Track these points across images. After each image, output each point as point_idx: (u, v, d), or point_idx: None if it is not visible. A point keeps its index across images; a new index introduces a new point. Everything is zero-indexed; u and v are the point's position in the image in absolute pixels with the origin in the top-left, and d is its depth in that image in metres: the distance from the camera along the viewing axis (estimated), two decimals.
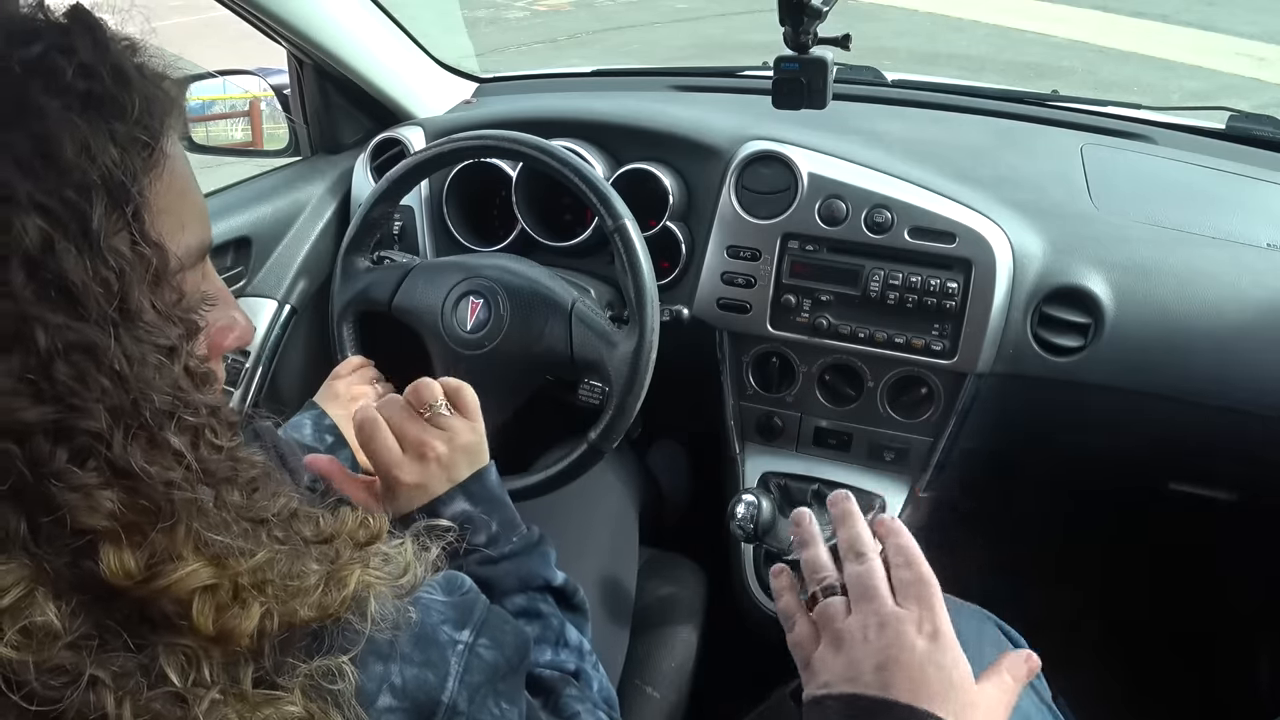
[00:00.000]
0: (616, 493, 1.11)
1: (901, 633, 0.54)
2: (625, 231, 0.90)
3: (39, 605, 0.36)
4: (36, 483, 0.36)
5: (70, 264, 0.36)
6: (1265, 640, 1.32)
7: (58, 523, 0.36)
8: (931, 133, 1.19)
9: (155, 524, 0.38)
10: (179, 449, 0.39)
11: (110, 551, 0.37)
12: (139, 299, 0.39)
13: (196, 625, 0.38)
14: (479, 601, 0.54)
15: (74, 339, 0.36)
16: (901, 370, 1.06)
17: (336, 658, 0.42)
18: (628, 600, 1.01)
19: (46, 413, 0.36)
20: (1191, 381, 0.97)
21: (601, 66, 1.56)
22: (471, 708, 0.49)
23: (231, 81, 1.33)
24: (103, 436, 0.37)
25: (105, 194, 0.37)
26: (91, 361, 0.37)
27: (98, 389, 0.37)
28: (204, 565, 0.39)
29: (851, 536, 0.60)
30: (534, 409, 1.02)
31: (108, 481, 0.37)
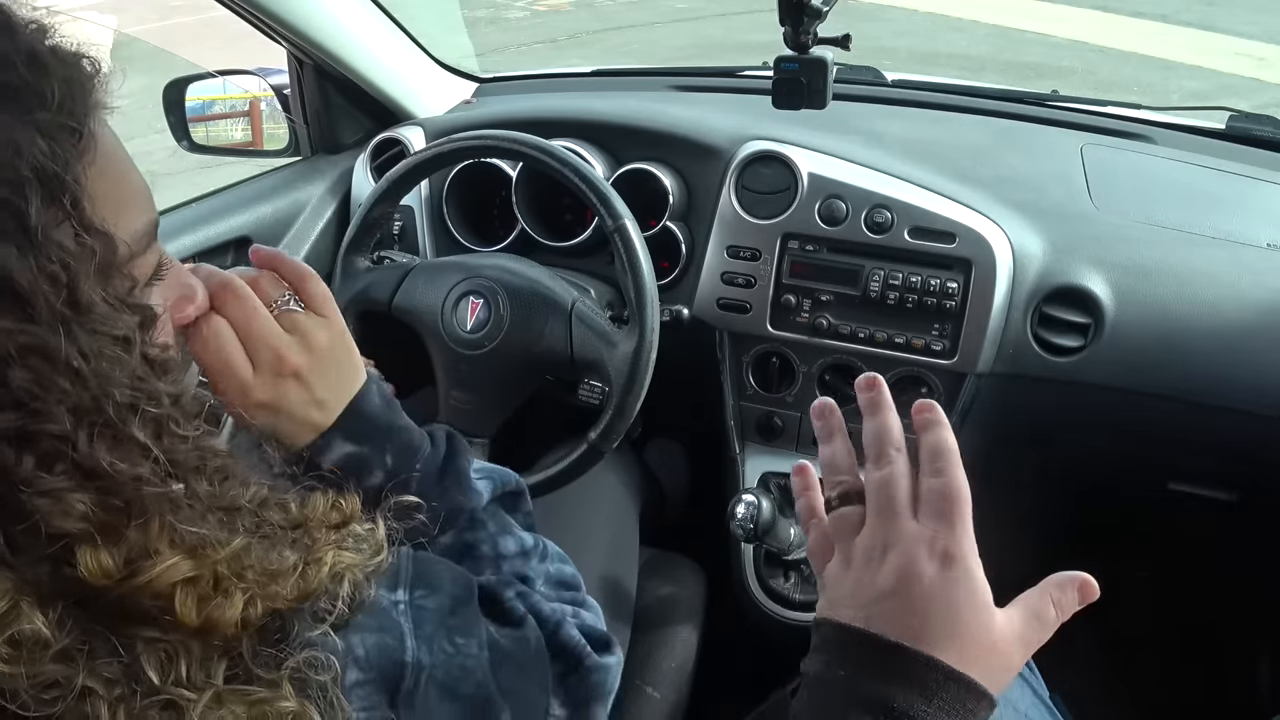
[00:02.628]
0: (617, 492, 1.11)
1: (912, 558, 0.47)
2: (625, 231, 0.90)
3: (25, 615, 0.35)
4: (5, 491, 0.35)
5: (13, 265, 0.35)
6: (1265, 640, 1.33)
7: (32, 530, 0.36)
8: (931, 133, 1.19)
9: (129, 521, 0.37)
10: (145, 443, 0.38)
11: (87, 553, 0.36)
12: (89, 292, 0.37)
13: (181, 618, 0.38)
14: (399, 555, 0.51)
15: (27, 342, 0.35)
16: (901, 370, 1.06)
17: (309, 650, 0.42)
18: (629, 600, 1.01)
19: (8, 420, 0.35)
20: (1191, 381, 0.97)
21: (601, 66, 1.56)
22: (434, 659, 0.48)
23: (231, 81, 1.33)
24: (67, 438, 0.36)
25: (39, 187, 0.36)
26: (47, 363, 0.35)
27: (57, 390, 0.36)
28: (183, 558, 0.38)
29: (876, 431, 0.51)
30: (534, 409, 1.03)
31: (77, 484, 0.36)
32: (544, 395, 1.06)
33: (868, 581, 0.48)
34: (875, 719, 0.45)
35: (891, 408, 0.52)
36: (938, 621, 0.46)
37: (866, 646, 0.47)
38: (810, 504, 0.56)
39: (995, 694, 0.47)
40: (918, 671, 0.45)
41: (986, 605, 0.47)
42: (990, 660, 0.47)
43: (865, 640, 0.47)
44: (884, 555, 0.48)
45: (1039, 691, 0.76)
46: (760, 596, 1.10)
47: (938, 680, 0.45)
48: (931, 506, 0.48)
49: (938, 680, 0.45)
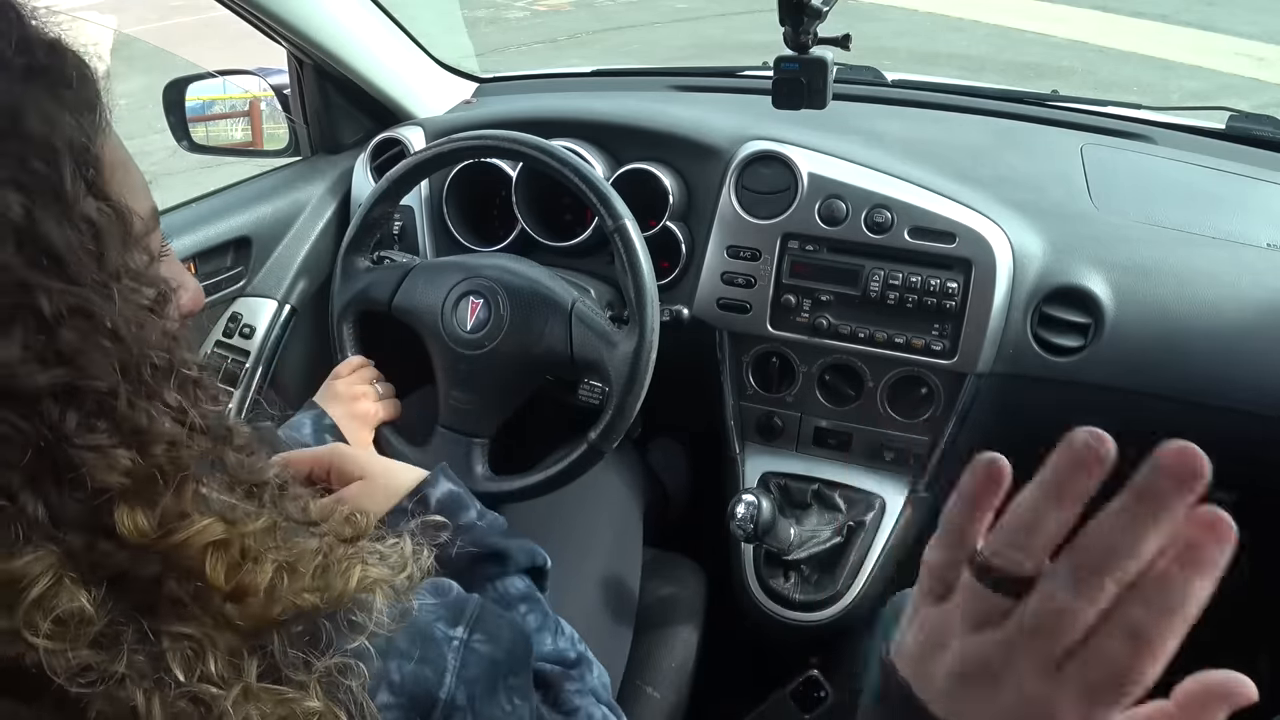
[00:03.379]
0: (620, 493, 1.11)
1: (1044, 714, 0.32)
2: (625, 231, 0.90)
3: (68, 591, 0.36)
4: (52, 447, 0.36)
5: (53, 231, 0.37)
6: (1265, 640, 1.32)
7: (74, 486, 0.37)
8: (931, 133, 1.19)
9: (163, 484, 0.39)
10: (179, 405, 0.40)
11: (125, 512, 0.37)
12: (117, 260, 0.39)
13: (211, 581, 0.39)
14: (470, 599, 0.54)
15: (73, 303, 0.37)
16: (901, 370, 1.06)
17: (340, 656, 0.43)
18: (631, 600, 1.01)
19: (56, 375, 0.36)
20: (1191, 381, 0.97)
21: (601, 66, 1.56)
22: (475, 704, 0.49)
23: (231, 81, 1.33)
24: (110, 396, 0.38)
25: (70, 160, 0.38)
26: (90, 323, 0.37)
27: (101, 349, 0.37)
28: (214, 520, 0.40)
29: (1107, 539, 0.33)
30: (534, 409, 1.03)
31: (118, 443, 0.38)
32: (544, 395, 1.06)
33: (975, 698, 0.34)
34: None
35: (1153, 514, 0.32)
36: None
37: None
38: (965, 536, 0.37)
39: None
40: None
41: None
42: None
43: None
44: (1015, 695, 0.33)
45: None
46: (760, 596, 1.10)
47: None
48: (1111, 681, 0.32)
49: None
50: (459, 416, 0.97)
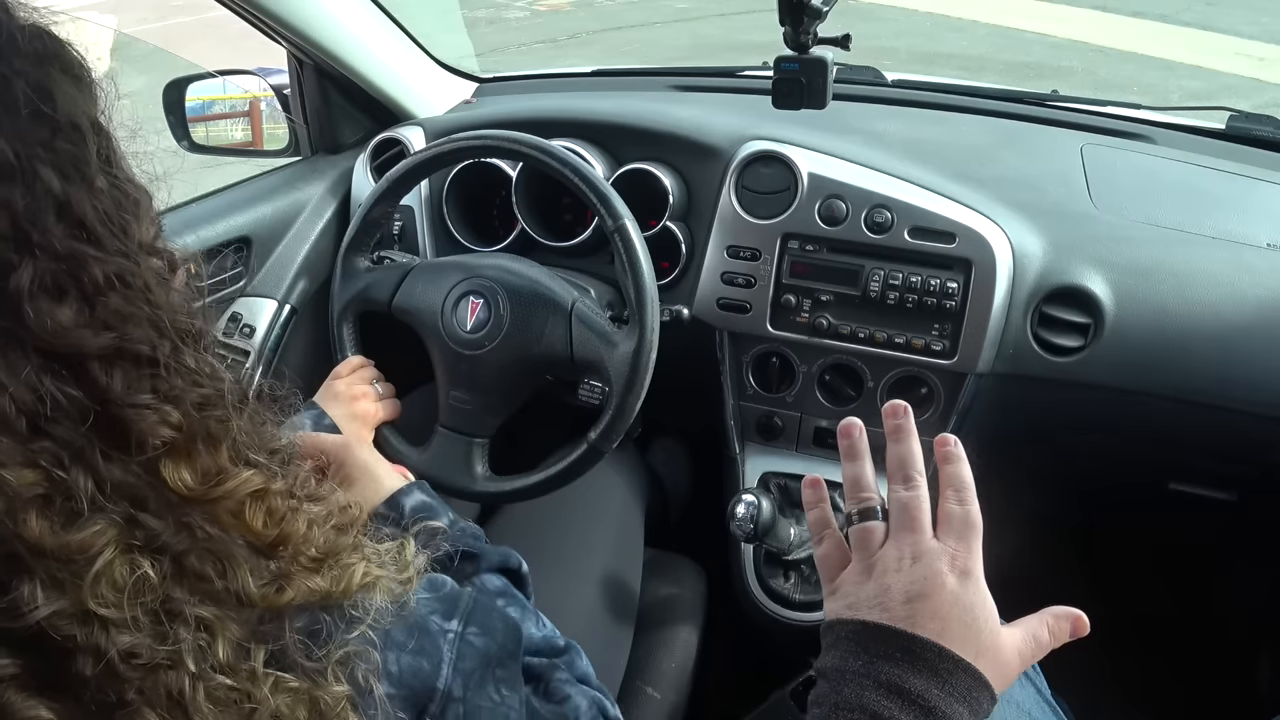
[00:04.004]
0: (620, 493, 1.11)
1: (936, 569, 0.53)
2: (625, 232, 0.90)
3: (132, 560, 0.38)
4: (102, 411, 0.38)
5: (85, 205, 0.39)
6: (1265, 640, 1.33)
7: (122, 450, 0.39)
8: (931, 133, 1.19)
9: (198, 442, 0.41)
10: (208, 370, 0.43)
11: (170, 468, 0.40)
12: (137, 231, 0.41)
13: (252, 526, 0.42)
14: (464, 593, 0.56)
15: (114, 270, 0.39)
16: (901, 370, 1.06)
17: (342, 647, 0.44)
18: (632, 600, 1.01)
19: (105, 340, 0.38)
20: (1191, 381, 0.97)
21: (601, 66, 1.56)
22: (468, 694, 0.51)
23: (231, 81, 1.33)
24: (151, 358, 0.40)
25: (93, 135, 0.40)
26: (129, 289, 0.40)
27: (141, 314, 0.40)
28: (253, 472, 0.43)
29: (903, 455, 0.58)
30: (534, 409, 1.02)
31: (161, 400, 0.40)
32: (544, 395, 1.06)
33: (891, 586, 0.53)
34: (892, 700, 0.49)
35: (915, 435, 0.58)
36: (955, 625, 0.52)
37: (887, 638, 0.52)
38: (823, 515, 0.61)
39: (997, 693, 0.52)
40: (931, 660, 0.50)
41: (995, 617, 0.53)
42: (995, 664, 0.52)
43: (886, 633, 0.52)
44: (910, 565, 0.54)
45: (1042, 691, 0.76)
46: (760, 596, 1.10)
47: (949, 669, 0.50)
48: (953, 529, 0.55)
49: (949, 669, 0.50)
50: (459, 416, 0.97)
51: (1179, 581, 1.43)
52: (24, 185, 0.37)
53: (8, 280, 0.36)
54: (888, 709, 0.49)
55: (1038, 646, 0.54)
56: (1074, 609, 0.55)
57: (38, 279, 0.37)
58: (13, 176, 0.37)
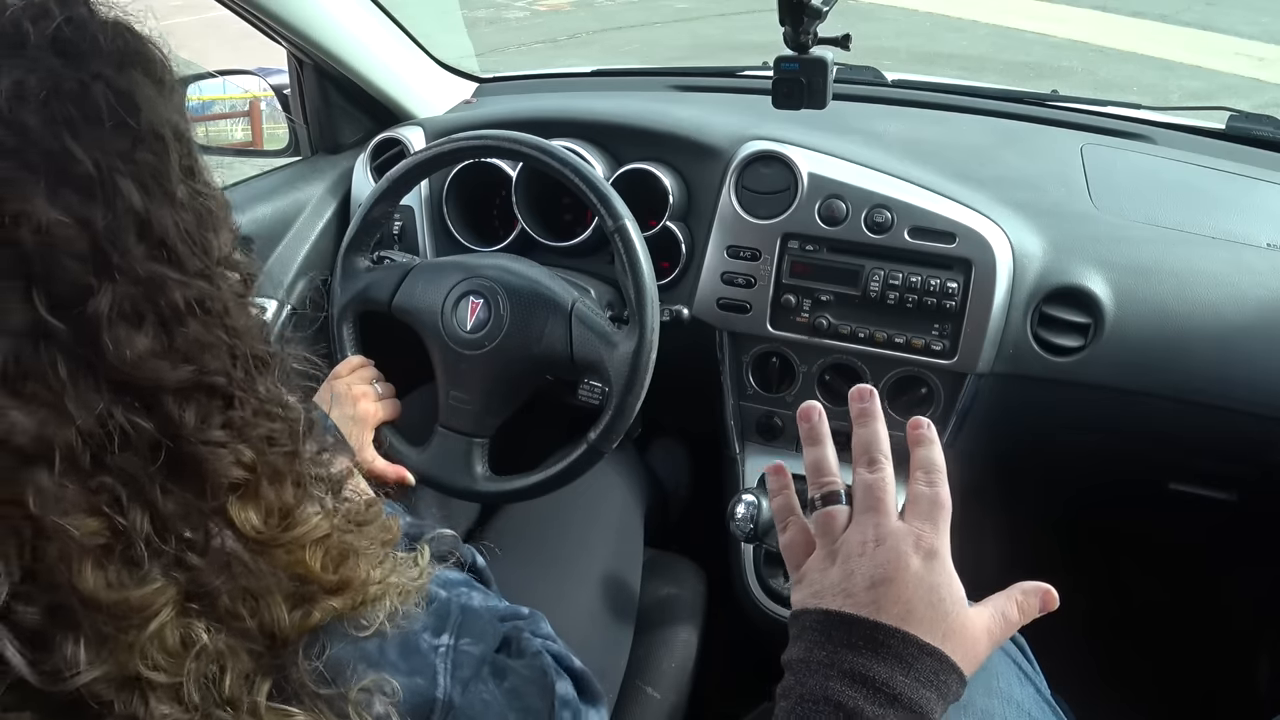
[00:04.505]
0: (619, 493, 1.11)
1: (900, 551, 0.52)
2: (625, 232, 0.90)
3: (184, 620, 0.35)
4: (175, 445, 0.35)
5: (166, 222, 0.36)
6: (1265, 640, 1.32)
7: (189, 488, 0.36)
8: (931, 133, 1.19)
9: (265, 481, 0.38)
10: (279, 399, 0.40)
11: (238, 507, 0.37)
12: (217, 247, 0.38)
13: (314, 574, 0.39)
14: (451, 605, 0.55)
15: (195, 295, 0.36)
16: (901, 370, 1.06)
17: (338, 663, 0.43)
18: (632, 600, 1.01)
19: (184, 373, 0.35)
20: (1191, 381, 0.97)
21: (601, 66, 1.56)
22: (466, 697, 0.50)
23: (231, 81, 1.33)
24: (226, 391, 0.37)
25: (177, 145, 0.37)
26: (209, 315, 0.37)
27: (219, 341, 0.37)
28: (321, 516, 0.40)
29: (868, 438, 0.57)
30: (534, 409, 1.02)
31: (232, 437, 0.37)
32: (544, 395, 1.06)
33: (855, 571, 0.53)
34: (856, 690, 0.49)
35: (881, 418, 0.58)
36: (921, 608, 0.51)
37: (850, 626, 0.51)
38: (787, 503, 0.60)
39: (966, 675, 0.51)
40: (895, 646, 0.50)
41: (962, 598, 0.53)
42: (963, 645, 0.51)
43: (849, 621, 0.51)
44: (874, 548, 0.53)
45: (1041, 689, 0.76)
46: (760, 596, 1.10)
47: (914, 654, 0.50)
48: (920, 510, 0.54)
49: (914, 654, 0.50)
50: (459, 416, 0.97)
51: (1179, 581, 1.43)
52: (104, 202, 0.34)
53: (85, 305, 0.33)
54: (852, 699, 0.48)
55: (1007, 624, 0.53)
56: (1043, 584, 0.55)
57: (116, 305, 0.34)
58: (93, 192, 0.34)
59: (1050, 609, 0.55)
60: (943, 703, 0.50)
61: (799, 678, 0.52)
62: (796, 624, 0.54)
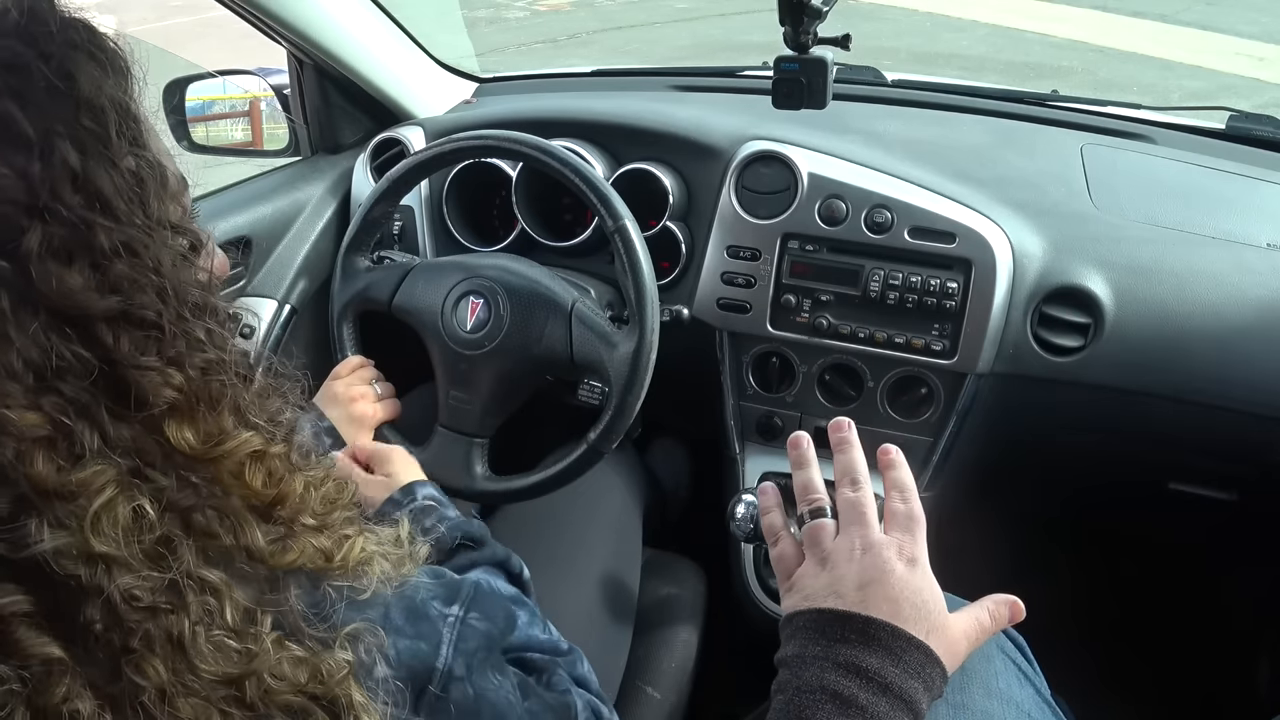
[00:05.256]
0: (619, 493, 1.11)
1: (885, 557, 0.58)
2: (626, 232, 0.90)
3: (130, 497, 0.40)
4: (108, 372, 0.40)
5: (103, 179, 0.41)
6: (1265, 640, 1.33)
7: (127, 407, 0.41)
8: (931, 133, 1.19)
9: (202, 405, 0.43)
10: (214, 340, 0.45)
11: (174, 426, 0.42)
12: (157, 208, 0.44)
13: (251, 485, 0.44)
14: (465, 581, 0.58)
15: (123, 239, 0.41)
16: (901, 370, 1.06)
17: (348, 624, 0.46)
18: (630, 601, 1.01)
19: (112, 303, 0.41)
20: (1191, 381, 0.97)
21: (601, 66, 1.56)
22: (472, 675, 0.53)
23: (231, 81, 1.33)
24: (156, 323, 0.42)
25: (115, 117, 0.43)
26: (138, 259, 0.42)
27: (148, 282, 0.42)
28: (252, 434, 0.45)
29: (848, 463, 0.64)
30: (534, 409, 1.02)
31: (166, 363, 0.42)
32: (544, 395, 1.06)
33: (844, 575, 0.58)
34: (851, 679, 0.53)
35: (859, 446, 0.65)
36: (907, 607, 0.56)
37: (843, 622, 0.56)
38: (776, 519, 0.67)
39: (948, 671, 0.56)
40: (885, 639, 0.55)
41: (942, 602, 0.58)
42: (944, 643, 0.56)
43: (841, 617, 0.56)
44: (861, 555, 0.58)
45: (1041, 691, 0.76)
46: (760, 596, 1.10)
47: (903, 647, 0.55)
48: (899, 523, 0.61)
49: (903, 647, 0.55)
50: (459, 416, 0.97)
51: (1179, 581, 1.43)
52: (41, 158, 0.39)
53: (20, 243, 0.39)
54: (847, 687, 0.53)
55: (980, 630, 0.59)
56: (1011, 596, 0.61)
57: (46, 243, 0.39)
58: (30, 149, 0.39)
59: (1018, 620, 0.60)
60: (928, 695, 0.55)
61: (795, 672, 0.56)
62: (789, 626, 0.59)
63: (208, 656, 0.41)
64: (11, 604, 0.38)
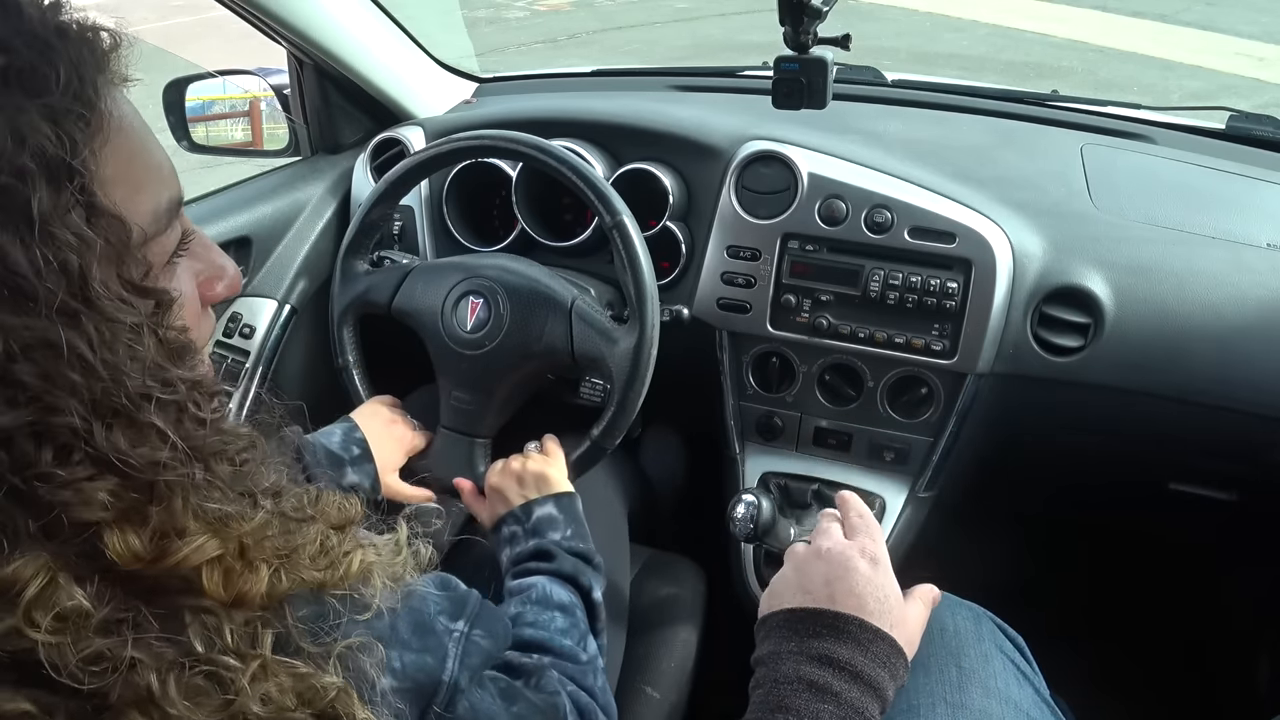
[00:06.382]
0: (604, 494, 1.11)
1: (849, 555, 0.64)
2: (624, 227, 0.90)
3: (64, 589, 0.35)
4: (26, 486, 0.35)
5: (17, 257, 0.34)
6: (1265, 640, 1.32)
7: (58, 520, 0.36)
8: (931, 133, 1.19)
9: (151, 505, 0.38)
10: (162, 429, 0.38)
11: (114, 537, 0.36)
12: (100, 279, 0.36)
13: (210, 593, 0.39)
14: (471, 595, 0.58)
15: (31, 337, 0.34)
16: (901, 370, 1.06)
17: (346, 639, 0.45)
18: (622, 599, 1.01)
19: (20, 416, 0.35)
20: (1191, 381, 0.97)
21: (601, 66, 1.56)
22: (471, 688, 0.53)
23: (231, 81, 1.33)
24: (79, 431, 0.36)
25: (44, 175, 0.35)
26: (55, 356, 0.35)
27: (66, 384, 0.35)
28: (209, 538, 0.39)
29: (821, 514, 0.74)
30: (535, 409, 1.03)
31: (97, 473, 0.36)
32: (545, 395, 1.06)
33: (812, 574, 0.64)
34: (824, 670, 0.58)
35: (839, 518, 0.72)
36: (871, 601, 0.61)
37: (814, 618, 0.61)
38: None
39: (908, 660, 0.62)
40: (854, 632, 0.60)
41: (901, 597, 0.64)
42: (905, 634, 0.62)
43: (812, 614, 0.61)
44: (826, 554, 0.65)
45: (1041, 691, 0.76)
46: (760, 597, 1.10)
47: (870, 639, 0.60)
48: (858, 529, 0.68)
49: (870, 639, 0.60)
50: (460, 417, 0.97)
51: (1179, 581, 1.43)
52: None
53: None
54: (822, 676, 0.57)
55: (925, 620, 0.67)
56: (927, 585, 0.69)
57: None
58: None
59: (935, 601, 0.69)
60: (894, 683, 0.59)
61: (770, 668, 0.60)
62: (764, 628, 0.64)
63: (180, 706, 0.37)
64: None
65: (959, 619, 0.77)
